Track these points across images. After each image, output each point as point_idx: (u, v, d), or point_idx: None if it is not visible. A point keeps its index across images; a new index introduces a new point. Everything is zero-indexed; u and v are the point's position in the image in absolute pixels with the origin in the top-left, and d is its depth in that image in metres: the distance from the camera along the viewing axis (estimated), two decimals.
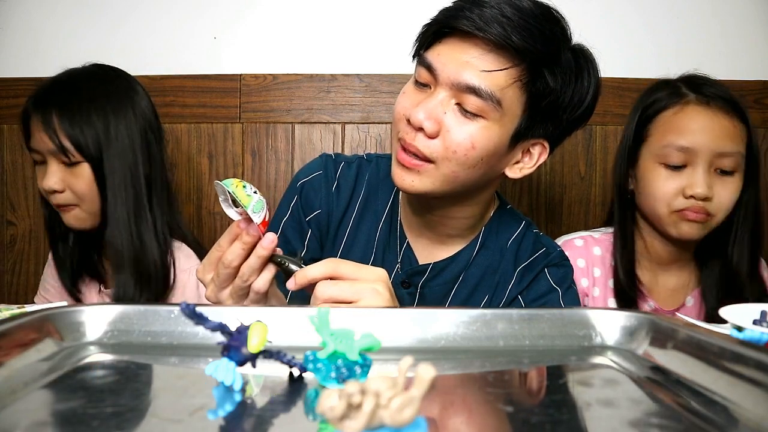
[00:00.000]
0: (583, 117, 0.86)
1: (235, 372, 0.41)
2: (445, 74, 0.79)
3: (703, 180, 0.99)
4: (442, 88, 0.80)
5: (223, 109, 1.39)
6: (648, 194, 1.05)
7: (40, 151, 1.04)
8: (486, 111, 0.79)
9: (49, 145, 1.01)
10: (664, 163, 1.02)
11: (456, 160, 0.80)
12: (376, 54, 1.39)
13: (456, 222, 0.92)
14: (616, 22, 1.38)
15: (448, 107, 0.80)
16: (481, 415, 0.40)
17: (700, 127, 1.00)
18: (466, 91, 0.78)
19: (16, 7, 1.42)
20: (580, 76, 0.83)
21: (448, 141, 0.79)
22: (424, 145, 0.80)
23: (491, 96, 0.78)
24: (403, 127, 0.82)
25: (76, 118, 1.01)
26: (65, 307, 0.53)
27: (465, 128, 0.80)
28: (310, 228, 0.95)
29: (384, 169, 0.98)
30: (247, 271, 0.66)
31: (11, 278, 1.43)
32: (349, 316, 0.54)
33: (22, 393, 0.40)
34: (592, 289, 1.11)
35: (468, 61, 0.78)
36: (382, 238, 0.95)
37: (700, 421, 0.38)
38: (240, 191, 0.63)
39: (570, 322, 0.55)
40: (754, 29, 1.39)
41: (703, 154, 0.99)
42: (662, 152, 1.02)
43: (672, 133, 1.02)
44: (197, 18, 1.40)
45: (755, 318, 0.62)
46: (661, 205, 1.03)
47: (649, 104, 1.07)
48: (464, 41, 0.79)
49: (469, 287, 0.93)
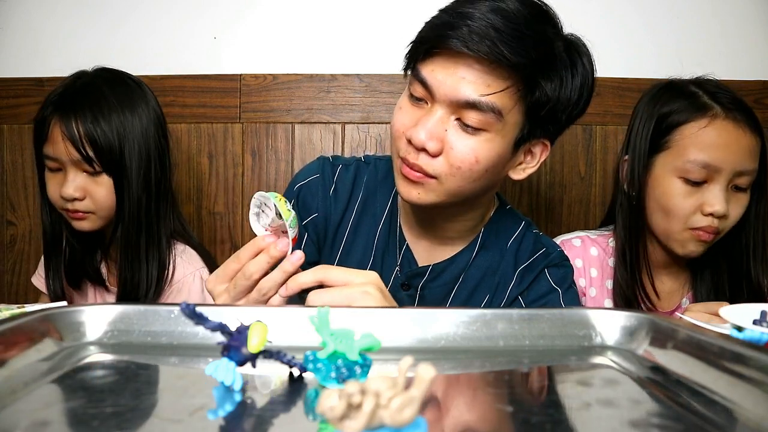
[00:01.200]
0: (582, 110, 0.85)
1: (235, 372, 0.41)
2: (441, 92, 0.78)
3: (723, 198, 0.97)
4: (440, 105, 0.79)
5: (223, 109, 1.39)
6: (661, 207, 1.02)
7: (58, 159, 1.03)
8: (488, 124, 0.78)
9: (74, 155, 1.01)
10: (684, 177, 0.99)
11: (461, 176, 0.80)
12: (376, 54, 1.39)
13: (457, 224, 0.92)
14: (616, 22, 1.38)
15: (448, 124, 0.79)
16: (481, 415, 0.40)
17: (726, 144, 0.97)
18: (466, 107, 0.77)
19: (16, 7, 1.42)
20: (575, 71, 0.81)
21: (452, 158, 0.79)
22: (427, 164, 0.79)
23: (492, 108, 0.77)
24: (403, 146, 0.81)
25: (103, 129, 1.01)
26: (65, 307, 0.53)
27: (467, 143, 0.79)
28: (306, 232, 0.95)
29: (382, 171, 0.98)
30: (268, 285, 0.66)
31: (11, 278, 1.43)
32: (349, 316, 0.54)
33: (22, 393, 0.40)
34: (589, 289, 1.11)
35: (464, 77, 0.77)
36: (381, 241, 0.94)
37: (700, 421, 0.38)
38: (282, 204, 0.64)
39: (570, 322, 0.55)
40: (754, 29, 1.39)
41: (726, 172, 0.97)
42: (684, 167, 0.98)
43: (697, 148, 0.98)
44: (197, 18, 1.40)
45: (755, 318, 0.62)
46: (677, 222, 1.00)
47: (666, 113, 1.02)
48: (455, 57, 0.77)
49: (469, 288, 0.93)
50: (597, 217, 1.39)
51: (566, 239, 1.14)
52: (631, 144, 1.06)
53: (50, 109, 1.03)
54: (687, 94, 1.02)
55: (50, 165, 1.04)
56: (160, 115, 1.11)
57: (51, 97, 1.04)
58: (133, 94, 1.07)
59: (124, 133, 1.03)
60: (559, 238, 1.15)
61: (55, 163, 1.03)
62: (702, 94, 1.01)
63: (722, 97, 1.00)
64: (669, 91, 1.05)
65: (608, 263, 1.11)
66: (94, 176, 1.03)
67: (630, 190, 1.06)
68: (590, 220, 1.40)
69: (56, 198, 1.04)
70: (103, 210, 1.05)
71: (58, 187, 1.03)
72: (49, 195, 1.05)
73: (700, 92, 1.01)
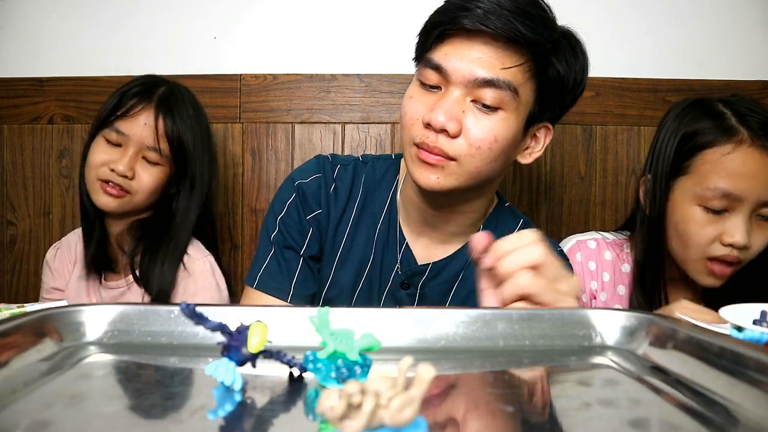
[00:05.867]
0: (579, 95, 0.88)
1: (235, 372, 0.41)
2: (457, 73, 0.79)
3: (744, 229, 0.92)
4: (456, 87, 0.80)
5: (223, 109, 1.39)
6: (679, 234, 0.97)
7: (129, 137, 1.09)
8: (504, 102, 0.80)
9: (148, 141, 1.10)
10: (704, 205, 0.94)
11: (480, 156, 0.81)
12: (376, 54, 1.39)
13: (462, 217, 0.92)
14: (616, 22, 1.38)
15: (465, 105, 0.80)
16: (481, 415, 0.40)
17: (751, 173, 0.91)
18: (483, 85, 0.79)
19: (16, 7, 1.42)
20: (576, 53, 0.84)
21: (471, 138, 0.80)
22: (447, 145, 0.80)
23: (509, 85, 0.79)
24: (419, 131, 0.82)
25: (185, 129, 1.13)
26: (65, 307, 0.53)
27: (485, 123, 0.80)
28: (311, 227, 0.95)
29: (380, 170, 0.98)
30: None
31: (11, 278, 1.44)
32: (349, 316, 0.54)
33: (22, 393, 0.40)
34: (600, 294, 1.09)
35: (479, 57, 0.78)
36: (381, 240, 0.94)
37: (700, 421, 0.38)
38: None
39: (570, 322, 0.55)
40: (754, 29, 1.39)
41: (749, 202, 0.92)
42: (704, 194, 0.93)
43: (718, 175, 0.92)
44: (197, 18, 1.40)
45: (755, 318, 0.62)
46: (694, 250, 0.96)
47: (691, 133, 0.96)
48: (470, 38, 0.79)
49: (470, 285, 0.93)
50: (597, 217, 1.39)
51: (582, 240, 1.12)
52: (653, 163, 1.00)
53: (137, 97, 1.10)
54: (714, 115, 0.96)
55: (113, 138, 1.10)
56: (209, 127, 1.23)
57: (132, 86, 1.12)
58: (199, 107, 1.20)
59: (193, 137, 1.14)
60: (574, 238, 1.13)
61: (120, 138, 1.10)
62: (730, 115, 0.95)
63: (753, 120, 0.93)
64: (696, 108, 0.99)
65: (621, 269, 1.09)
66: (149, 163, 1.11)
67: (651, 212, 1.01)
68: (590, 220, 1.40)
69: (102, 167, 1.09)
70: (143, 194, 1.12)
71: (111, 159, 1.09)
72: (95, 161, 1.10)
73: (729, 113, 0.95)
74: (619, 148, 1.38)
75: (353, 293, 0.94)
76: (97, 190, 1.10)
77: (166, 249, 1.12)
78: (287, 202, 0.95)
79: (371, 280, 0.94)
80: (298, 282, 0.92)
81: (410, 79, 0.88)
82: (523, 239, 0.62)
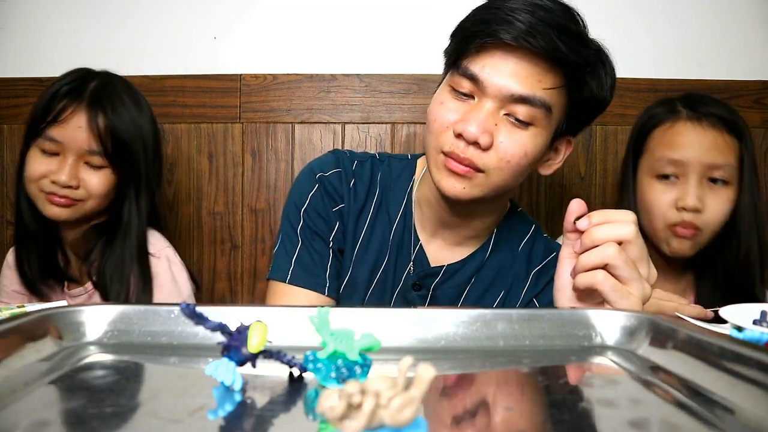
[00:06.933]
0: (603, 110, 0.88)
1: (235, 372, 0.41)
2: (493, 87, 0.78)
3: (694, 192, 1.02)
4: (490, 99, 0.79)
5: (223, 109, 1.39)
6: (644, 208, 1.07)
7: (65, 144, 1.01)
8: (537, 118, 0.79)
9: (91, 146, 1.01)
10: (658, 175, 1.05)
11: (509, 170, 0.81)
12: (376, 54, 1.39)
13: (478, 222, 0.92)
14: (616, 22, 1.38)
15: (498, 118, 0.79)
16: (480, 415, 0.40)
17: (689, 141, 1.04)
18: (518, 101, 0.78)
19: (16, 7, 1.42)
20: (607, 70, 0.84)
21: (502, 152, 0.79)
22: (478, 157, 0.79)
23: (544, 103, 0.78)
24: (449, 140, 0.81)
25: (123, 125, 1.04)
26: (65, 307, 0.53)
27: (517, 137, 0.80)
28: (337, 220, 0.93)
29: (396, 170, 0.97)
30: None
31: None
32: (348, 316, 0.54)
33: (22, 393, 0.40)
34: None
35: (516, 72, 0.77)
36: (396, 239, 0.94)
37: (700, 421, 0.38)
38: None
39: (570, 322, 0.55)
40: (754, 29, 1.39)
41: (694, 167, 1.02)
42: (654, 165, 1.06)
43: (664, 146, 1.06)
44: (197, 18, 1.40)
45: (755, 318, 0.62)
46: (657, 220, 1.05)
47: (645, 120, 1.11)
48: (509, 51, 0.77)
49: (482, 288, 0.93)
50: None
51: None
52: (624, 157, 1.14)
53: (67, 98, 1.02)
54: (666, 103, 1.10)
55: (48, 147, 1.02)
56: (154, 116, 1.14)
57: (61, 85, 1.03)
58: (138, 96, 1.10)
59: (136, 132, 1.06)
60: None
61: (56, 146, 1.02)
62: (677, 102, 1.09)
63: (698, 105, 1.06)
64: (655, 103, 1.13)
65: None
66: (93, 168, 1.04)
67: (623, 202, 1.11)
68: None
69: (41, 180, 1.02)
70: (94, 200, 1.05)
71: (50, 170, 1.01)
72: (33, 175, 1.03)
73: (678, 101, 1.09)
74: (619, 148, 1.37)
75: (366, 292, 0.94)
76: (44, 201, 1.03)
77: (122, 251, 1.06)
78: (309, 194, 0.93)
79: (384, 280, 0.94)
80: (331, 274, 0.91)
81: (410, 79, 0.87)
82: (619, 215, 0.65)
